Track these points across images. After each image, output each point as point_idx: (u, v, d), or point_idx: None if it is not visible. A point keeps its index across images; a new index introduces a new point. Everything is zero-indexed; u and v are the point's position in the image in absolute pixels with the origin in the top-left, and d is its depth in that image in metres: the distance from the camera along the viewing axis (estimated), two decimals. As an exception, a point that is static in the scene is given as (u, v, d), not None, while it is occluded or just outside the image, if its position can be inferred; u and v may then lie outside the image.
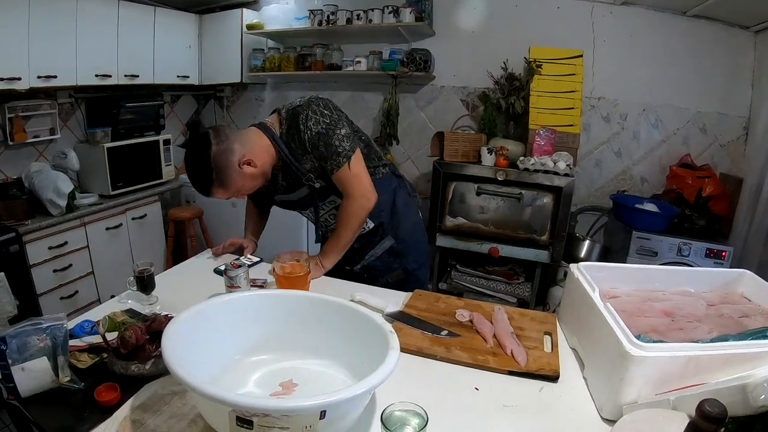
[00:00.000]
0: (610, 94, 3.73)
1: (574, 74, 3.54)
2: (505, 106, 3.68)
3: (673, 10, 3.44)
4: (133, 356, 1.31)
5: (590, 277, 1.43)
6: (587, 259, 3.54)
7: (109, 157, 3.76)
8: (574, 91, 3.54)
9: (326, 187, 1.91)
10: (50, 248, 3.30)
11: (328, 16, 3.99)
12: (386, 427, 0.98)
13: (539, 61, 3.55)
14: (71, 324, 1.48)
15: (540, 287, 3.64)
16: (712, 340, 1.14)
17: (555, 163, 3.27)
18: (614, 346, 1.11)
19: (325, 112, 1.80)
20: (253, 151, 1.77)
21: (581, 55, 3.55)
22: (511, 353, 1.40)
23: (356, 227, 1.89)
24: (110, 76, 3.79)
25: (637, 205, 3.37)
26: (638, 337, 1.09)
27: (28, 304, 3.11)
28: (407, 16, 3.71)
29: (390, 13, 3.75)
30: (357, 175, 1.83)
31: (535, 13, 3.75)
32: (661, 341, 1.12)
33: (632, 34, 3.57)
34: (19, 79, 3.13)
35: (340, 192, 1.87)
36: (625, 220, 3.40)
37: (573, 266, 1.55)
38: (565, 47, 3.58)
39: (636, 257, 3.25)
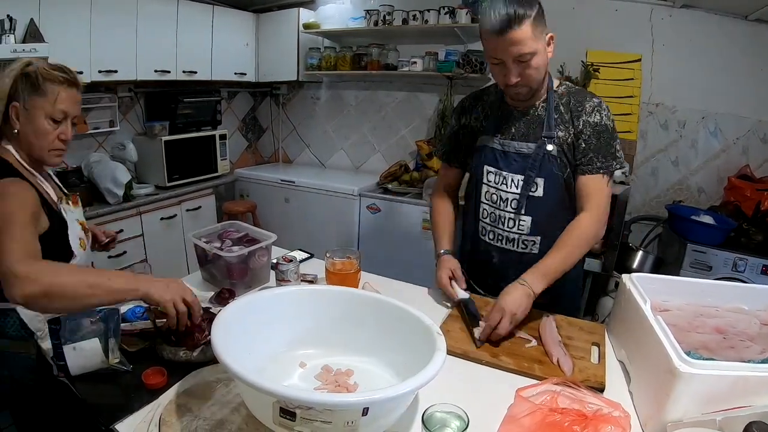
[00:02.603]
0: (669, 100, 3.61)
1: (632, 79, 3.46)
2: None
3: (733, 14, 3.31)
4: (182, 343, 1.35)
5: (642, 288, 1.40)
6: (640, 270, 3.45)
7: (166, 150, 3.88)
8: (632, 96, 3.47)
9: (546, 161, 1.68)
10: (106, 235, 3.39)
11: (384, 16, 4.00)
12: (427, 428, 0.98)
13: (597, 65, 3.49)
14: (124, 308, 1.52)
15: (590, 297, 3.57)
16: (764, 361, 1.10)
17: (610, 171, 3.20)
18: (663, 361, 1.08)
19: (612, 117, 1.67)
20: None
21: (639, 60, 3.47)
22: (557, 362, 1.39)
23: (584, 252, 1.65)
24: (169, 72, 3.90)
25: (693, 217, 3.25)
26: (688, 354, 1.06)
27: (83, 288, 3.20)
28: (463, 17, 3.69)
29: (446, 13, 3.73)
30: (609, 195, 1.69)
31: (592, 16, 3.67)
32: (712, 359, 1.09)
33: (692, 39, 3.46)
34: (81, 72, 3.21)
35: (558, 179, 1.69)
36: (680, 232, 3.30)
37: (625, 277, 1.52)
38: (624, 51, 3.51)
39: (690, 270, 3.14)
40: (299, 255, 2.12)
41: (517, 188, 1.73)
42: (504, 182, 1.75)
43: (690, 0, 3.34)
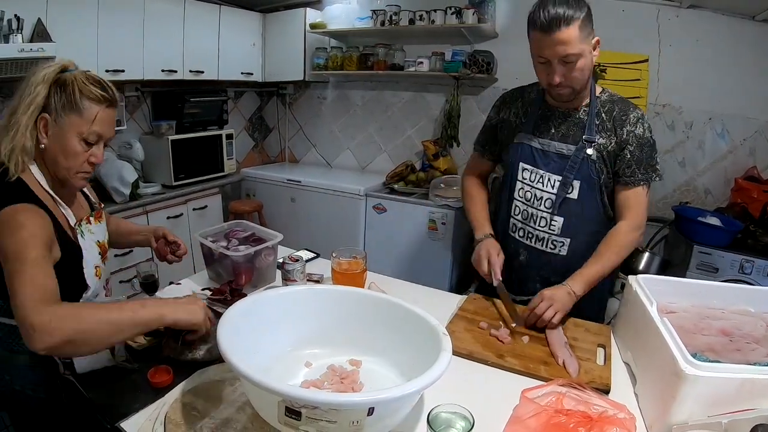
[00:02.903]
0: (676, 101, 3.59)
1: (639, 80, 3.45)
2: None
3: (741, 14, 3.29)
4: (194, 345, 1.35)
5: (648, 290, 1.40)
6: (646, 271, 3.43)
7: (173, 149, 3.89)
8: (638, 97, 3.45)
9: (585, 164, 1.70)
10: (113, 234, 3.40)
11: (390, 17, 4.00)
12: (432, 428, 0.98)
13: (603, 66, 3.48)
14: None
15: (596, 298, 3.55)
16: (769, 363, 1.10)
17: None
18: (669, 363, 1.08)
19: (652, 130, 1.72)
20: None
21: (646, 60, 3.46)
22: (563, 363, 1.39)
23: (622, 259, 1.70)
24: (176, 72, 3.91)
25: (700, 218, 3.23)
26: (694, 356, 1.05)
27: (89, 286, 3.22)
28: (470, 17, 3.68)
29: (453, 14, 3.73)
30: (647, 204, 1.74)
31: (599, 16, 3.56)
32: (717, 361, 1.08)
33: (699, 39, 3.43)
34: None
35: (595, 184, 1.72)
36: (687, 233, 3.28)
37: (632, 278, 1.52)
38: (630, 51, 3.50)
39: (696, 272, 3.12)
40: (305, 255, 2.13)
41: (553, 188, 1.75)
42: (540, 181, 1.77)
43: (697, 0, 3.32)
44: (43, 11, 2.92)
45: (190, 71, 4.03)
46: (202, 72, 4.13)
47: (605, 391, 1.27)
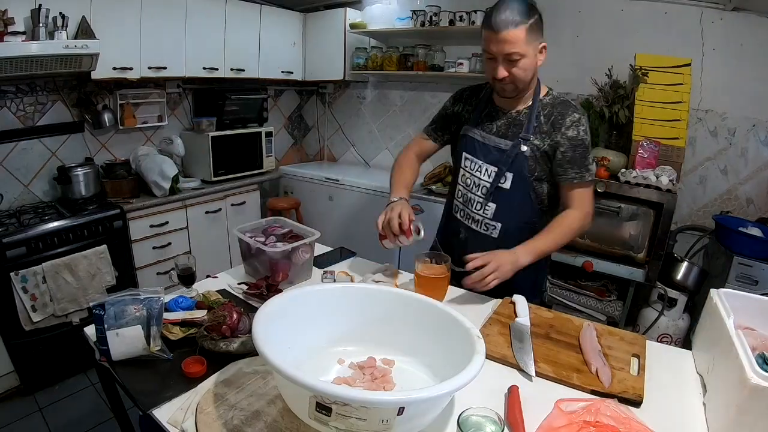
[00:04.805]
0: (719, 106, 3.48)
1: (681, 84, 3.35)
2: (608, 115, 3.53)
3: (787, 17, 3.19)
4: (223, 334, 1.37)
5: (728, 304, 1.37)
6: (684, 281, 3.35)
7: (213, 146, 3.94)
8: (681, 102, 3.36)
9: (519, 159, 1.84)
10: (151, 226, 3.50)
11: (430, 17, 3.98)
12: (461, 431, 0.97)
13: (645, 69, 3.39)
14: (167, 298, 1.54)
15: (631, 307, 3.47)
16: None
17: (657, 178, 3.11)
18: (737, 372, 1.05)
19: (589, 131, 1.83)
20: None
21: (689, 64, 3.36)
22: (596, 372, 1.35)
23: (568, 240, 1.83)
24: (217, 69, 3.97)
25: (741, 228, 3.12)
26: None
27: (126, 277, 3.33)
28: (510, 18, 3.64)
29: (493, 15, 3.69)
30: (591, 196, 1.87)
31: (641, 19, 3.56)
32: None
33: (743, 43, 3.32)
34: (131, 69, 3.36)
35: (526, 177, 1.84)
36: (727, 244, 3.17)
37: (713, 291, 1.49)
38: (673, 55, 3.40)
39: (735, 284, 3.00)
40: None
41: (489, 177, 1.90)
42: (479, 170, 1.93)
43: (742, 2, 3.22)
44: (88, 9, 3.00)
45: (231, 69, 4.09)
46: (243, 70, 4.19)
47: (637, 402, 1.24)
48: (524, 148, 1.81)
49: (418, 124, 4.73)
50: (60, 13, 2.81)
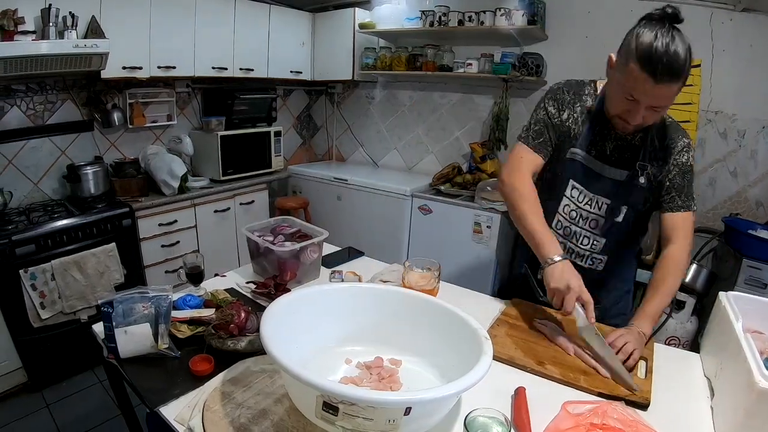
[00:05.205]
0: (729, 108, 3.45)
1: (691, 85, 3.33)
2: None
3: (797, 18, 3.16)
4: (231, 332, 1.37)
5: (737, 308, 1.37)
6: (693, 284, 3.33)
7: (222, 145, 3.95)
8: (690, 104, 3.34)
9: (635, 191, 1.64)
10: (160, 225, 3.51)
11: (439, 17, 3.98)
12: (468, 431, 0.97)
13: (655, 70, 3.37)
14: (175, 296, 1.55)
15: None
16: None
17: (667, 179, 3.09)
18: (745, 376, 1.05)
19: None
20: None
21: (699, 65, 3.34)
22: (618, 376, 1.35)
23: (679, 282, 1.62)
24: (226, 69, 3.99)
25: (750, 231, 3.11)
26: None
27: (135, 274, 3.34)
28: (519, 19, 3.63)
29: (502, 15, 3.68)
30: (693, 227, 1.65)
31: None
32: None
33: (753, 44, 3.29)
34: (141, 68, 3.38)
35: (636, 208, 1.67)
36: (736, 246, 3.15)
37: (722, 294, 1.48)
38: (682, 56, 3.38)
39: (744, 287, 2.98)
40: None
41: (599, 210, 1.69)
42: (588, 203, 1.70)
43: (752, 3, 3.19)
44: (97, 9, 3.02)
45: (240, 69, 4.10)
46: (252, 70, 4.19)
47: (644, 405, 1.24)
48: (642, 179, 1.62)
49: (426, 124, 4.73)
50: (70, 12, 2.82)
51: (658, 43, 1.36)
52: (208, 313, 1.49)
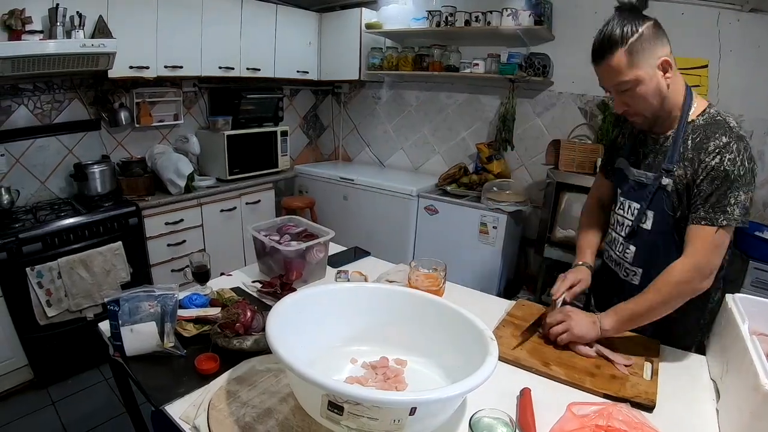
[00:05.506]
0: (736, 108, 3.37)
1: (698, 86, 3.31)
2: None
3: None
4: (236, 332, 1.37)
5: (744, 309, 1.37)
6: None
7: (228, 144, 3.96)
8: (697, 104, 3.33)
9: (661, 194, 1.54)
10: (167, 224, 3.52)
11: (446, 18, 3.97)
12: (473, 432, 0.97)
13: (662, 70, 3.36)
14: (181, 295, 1.55)
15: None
16: None
17: (674, 181, 3.07)
18: (751, 378, 1.05)
19: (746, 163, 1.42)
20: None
21: (706, 66, 3.32)
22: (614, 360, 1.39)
23: (673, 300, 1.46)
24: (233, 69, 3.99)
25: (757, 233, 3.10)
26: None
27: (141, 273, 3.35)
28: (526, 19, 3.62)
29: (509, 15, 3.67)
30: (717, 246, 1.46)
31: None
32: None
33: (760, 45, 3.27)
34: (147, 68, 3.39)
35: (668, 216, 1.55)
36: (742, 248, 3.12)
37: (728, 296, 1.49)
38: (690, 56, 3.37)
39: (751, 289, 2.97)
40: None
41: (631, 216, 1.65)
42: (622, 207, 1.70)
43: (759, 3, 3.18)
44: (105, 8, 3.03)
45: (247, 69, 4.10)
46: (259, 70, 4.20)
47: (650, 407, 1.23)
48: (666, 181, 1.51)
49: (433, 124, 4.73)
50: (77, 12, 2.83)
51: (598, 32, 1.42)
52: (213, 312, 1.49)
